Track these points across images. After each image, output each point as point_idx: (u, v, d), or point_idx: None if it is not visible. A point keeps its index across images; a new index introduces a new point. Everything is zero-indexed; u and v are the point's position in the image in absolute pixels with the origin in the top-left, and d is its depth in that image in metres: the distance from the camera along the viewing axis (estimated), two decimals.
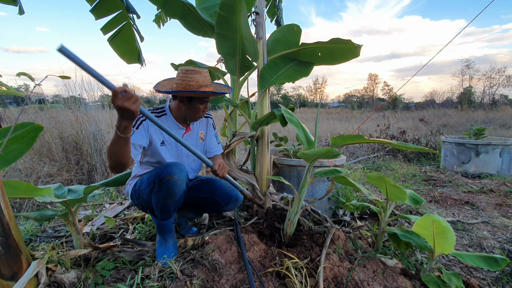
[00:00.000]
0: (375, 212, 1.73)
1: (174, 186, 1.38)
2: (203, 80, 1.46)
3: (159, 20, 2.86)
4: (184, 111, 1.56)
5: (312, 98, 46.00)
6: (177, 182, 1.38)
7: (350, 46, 2.06)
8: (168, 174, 1.36)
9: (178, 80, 1.46)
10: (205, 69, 1.49)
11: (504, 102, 26.26)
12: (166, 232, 1.53)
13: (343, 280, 1.36)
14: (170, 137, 1.50)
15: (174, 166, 1.40)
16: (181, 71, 1.47)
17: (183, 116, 1.60)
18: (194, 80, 1.44)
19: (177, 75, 1.48)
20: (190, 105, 1.52)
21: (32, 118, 4.00)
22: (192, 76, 1.44)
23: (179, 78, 1.46)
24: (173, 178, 1.37)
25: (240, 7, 1.72)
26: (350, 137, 1.46)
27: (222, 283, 1.29)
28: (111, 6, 2.04)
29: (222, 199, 1.67)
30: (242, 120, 2.52)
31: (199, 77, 1.45)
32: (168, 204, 1.43)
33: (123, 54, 2.36)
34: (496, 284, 1.53)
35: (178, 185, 1.39)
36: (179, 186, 1.40)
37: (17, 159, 1.26)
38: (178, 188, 1.40)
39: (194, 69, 1.46)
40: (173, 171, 1.38)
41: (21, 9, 1.80)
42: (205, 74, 1.48)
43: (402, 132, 6.23)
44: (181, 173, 1.40)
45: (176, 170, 1.38)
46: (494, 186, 3.38)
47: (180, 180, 1.39)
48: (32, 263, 1.20)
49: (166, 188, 1.38)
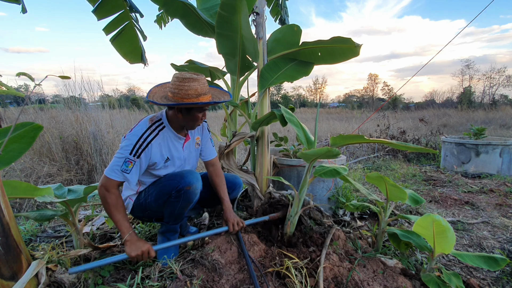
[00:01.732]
0: (375, 212, 1.73)
1: (192, 195, 1.44)
2: (201, 88, 1.37)
3: (161, 21, 2.87)
4: (183, 120, 1.46)
5: (312, 98, 45.98)
6: (195, 191, 1.44)
7: (350, 46, 2.07)
8: (187, 184, 1.40)
9: (175, 88, 1.36)
10: (201, 75, 1.41)
11: (504, 102, 26.23)
12: (172, 233, 1.58)
13: (343, 280, 1.36)
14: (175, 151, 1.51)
15: (191, 175, 1.44)
16: (177, 79, 1.36)
17: (181, 125, 1.52)
18: (192, 89, 1.34)
19: (173, 82, 1.38)
20: (189, 115, 1.43)
21: (32, 118, 4.00)
22: (190, 84, 1.34)
23: (175, 86, 1.36)
24: (192, 187, 1.41)
25: (241, 7, 1.72)
26: (350, 137, 1.46)
27: (222, 283, 1.29)
28: (113, 6, 2.03)
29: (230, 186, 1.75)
30: (242, 120, 2.52)
31: (197, 85, 1.36)
32: (184, 212, 1.50)
33: (126, 54, 2.35)
34: (496, 284, 1.53)
35: (195, 194, 1.45)
36: (196, 195, 1.47)
37: (17, 159, 1.26)
38: (195, 197, 1.46)
39: (191, 76, 1.36)
40: (191, 181, 1.42)
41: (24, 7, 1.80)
42: (203, 81, 1.40)
43: (402, 132, 6.23)
44: (198, 182, 1.46)
45: (193, 179, 1.43)
46: (494, 186, 3.37)
47: (198, 189, 1.46)
48: (32, 263, 1.20)
49: (185, 198, 1.42)
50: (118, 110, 5.03)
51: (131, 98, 27.81)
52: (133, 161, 1.35)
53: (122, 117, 4.87)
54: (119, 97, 17.11)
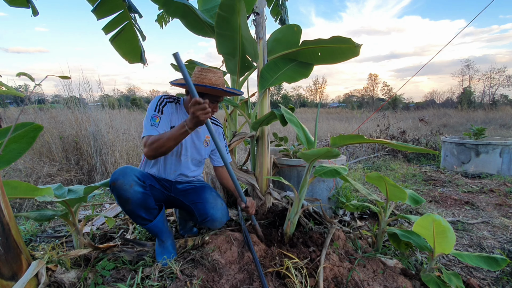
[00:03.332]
0: (375, 212, 1.73)
1: (121, 191, 1.35)
2: (216, 79, 1.49)
3: (161, 20, 2.87)
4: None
5: (312, 98, 46.02)
6: (122, 186, 1.34)
7: (350, 46, 2.07)
8: (112, 180, 1.36)
9: (193, 76, 1.50)
10: (220, 71, 1.54)
11: (504, 102, 26.23)
12: (158, 233, 1.50)
13: (343, 280, 1.35)
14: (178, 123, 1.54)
15: (119, 172, 1.38)
16: (197, 69, 1.52)
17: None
18: (207, 78, 1.46)
19: (193, 73, 1.53)
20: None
21: (32, 118, 3.99)
22: (207, 74, 1.48)
23: (194, 75, 1.51)
24: (117, 183, 1.34)
25: (240, 7, 1.72)
26: (350, 137, 1.46)
27: (222, 283, 1.29)
28: (112, 6, 2.03)
29: (199, 214, 1.57)
30: (242, 120, 2.52)
31: (213, 76, 1.49)
32: (130, 210, 1.40)
33: (125, 53, 2.35)
34: (496, 284, 1.53)
35: (125, 190, 1.34)
36: (127, 191, 1.35)
37: (17, 159, 1.26)
38: (127, 192, 1.35)
39: (210, 69, 1.51)
40: (117, 176, 1.36)
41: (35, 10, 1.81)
42: (220, 74, 1.52)
43: (402, 132, 6.23)
44: (125, 178, 1.36)
45: (119, 175, 1.36)
46: (494, 186, 3.38)
47: (127, 185, 1.35)
48: (32, 263, 1.20)
49: (117, 195, 1.37)
50: (117, 110, 5.03)
51: (131, 98, 27.82)
52: (158, 116, 1.48)
53: (122, 117, 4.87)
54: (119, 97, 17.10)
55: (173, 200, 1.64)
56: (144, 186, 1.42)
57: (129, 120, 4.97)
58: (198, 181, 1.74)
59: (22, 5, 1.80)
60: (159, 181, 1.59)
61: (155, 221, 1.48)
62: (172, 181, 1.64)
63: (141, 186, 1.40)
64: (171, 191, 1.63)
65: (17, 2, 1.84)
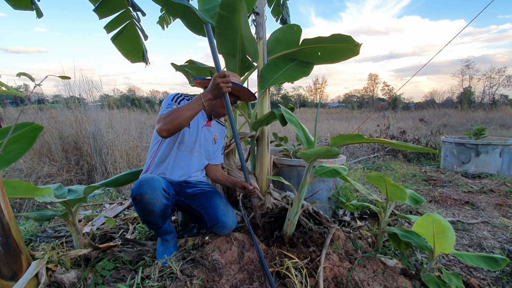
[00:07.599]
0: (375, 212, 1.73)
1: (148, 205, 1.34)
2: (236, 80, 1.61)
3: (163, 22, 2.86)
4: (214, 103, 1.60)
5: (312, 98, 46.02)
6: (150, 201, 1.34)
7: (350, 45, 2.07)
8: (139, 194, 1.33)
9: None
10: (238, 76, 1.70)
11: (504, 102, 26.23)
12: (165, 234, 1.52)
13: (343, 280, 1.35)
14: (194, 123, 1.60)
15: (146, 184, 1.35)
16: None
17: (210, 109, 1.65)
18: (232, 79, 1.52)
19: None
20: (221, 99, 1.55)
21: (32, 118, 3.99)
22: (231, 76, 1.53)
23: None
24: (144, 198, 1.33)
25: (241, 7, 1.72)
26: (350, 137, 1.46)
27: (222, 283, 1.29)
28: (115, 5, 2.03)
29: (209, 220, 1.55)
30: (242, 120, 2.52)
31: (236, 79, 1.63)
32: (150, 220, 1.40)
33: (127, 52, 2.35)
34: (496, 284, 1.53)
35: (152, 204, 1.34)
36: (154, 205, 1.35)
37: (17, 159, 1.26)
38: (153, 206, 1.35)
39: (230, 72, 1.59)
40: (145, 190, 1.34)
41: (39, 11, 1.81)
42: (238, 78, 1.68)
43: (402, 132, 6.23)
44: (154, 192, 1.35)
45: (147, 189, 1.34)
46: (494, 186, 3.38)
47: (154, 199, 1.34)
48: (32, 263, 1.20)
49: (141, 208, 1.35)
50: (117, 110, 5.03)
51: (131, 98, 27.81)
52: (176, 105, 1.52)
53: (122, 117, 4.87)
54: (119, 97, 17.08)
55: (181, 205, 1.63)
56: (168, 198, 1.42)
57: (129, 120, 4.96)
58: (207, 185, 1.74)
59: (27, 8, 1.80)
60: (173, 186, 1.58)
61: (165, 224, 1.49)
62: (181, 185, 1.63)
63: (166, 198, 1.40)
64: (181, 196, 1.62)
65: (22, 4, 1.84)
